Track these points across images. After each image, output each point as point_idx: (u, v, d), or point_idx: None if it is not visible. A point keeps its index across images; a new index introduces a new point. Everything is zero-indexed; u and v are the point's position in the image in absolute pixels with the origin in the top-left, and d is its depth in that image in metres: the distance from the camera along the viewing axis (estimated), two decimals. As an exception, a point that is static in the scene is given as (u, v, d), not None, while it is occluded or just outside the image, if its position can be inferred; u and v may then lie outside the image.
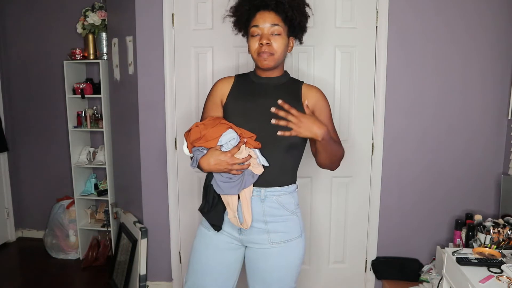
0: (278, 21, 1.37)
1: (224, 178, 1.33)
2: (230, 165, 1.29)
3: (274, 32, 1.36)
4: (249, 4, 1.39)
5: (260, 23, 1.37)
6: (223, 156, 1.29)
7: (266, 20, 1.36)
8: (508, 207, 2.18)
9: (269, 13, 1.37)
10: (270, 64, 1.39)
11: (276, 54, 1.38)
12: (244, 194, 1.35)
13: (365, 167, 2.41)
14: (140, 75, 2.43)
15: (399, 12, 2.27)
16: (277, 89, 1.44)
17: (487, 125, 2.35)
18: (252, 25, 1.39)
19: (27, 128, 3.40)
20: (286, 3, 1.36)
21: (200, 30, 2.35)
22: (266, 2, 1.36)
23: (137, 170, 2.56)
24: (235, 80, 1.50)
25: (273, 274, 1.42)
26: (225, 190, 1.34)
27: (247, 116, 1.39)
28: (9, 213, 3.40)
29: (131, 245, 2.53)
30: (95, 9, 2.92)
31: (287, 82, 1.48)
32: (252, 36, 1.39)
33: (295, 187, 1.47)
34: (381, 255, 2.48)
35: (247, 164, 1.31)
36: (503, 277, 1.51)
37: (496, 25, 2.27)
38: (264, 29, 1.36)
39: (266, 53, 1.37)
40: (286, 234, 1.41)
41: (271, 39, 1.36)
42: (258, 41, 1.38)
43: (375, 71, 2.33)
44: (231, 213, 1.37)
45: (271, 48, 1.37)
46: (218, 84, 1.51)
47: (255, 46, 1.39)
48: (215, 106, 1.47)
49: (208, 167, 1.32)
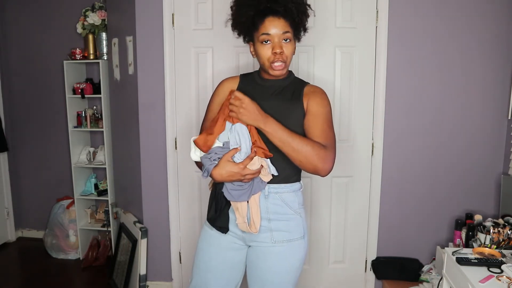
0: (288, 27, 1.34)
1: (236, 186, 1.35)
2: (242, 176, 1.30)
3: (286, 38, 1.34)
4: (255, 10, 1.35)
5: (271, 31, 1.33)
6: (236, 168, 1.29)
7: (277, 28, 1.32)
8: (508, 207, 2.18)
9: (279, 20, 1.33)
10: (283, 72, 1.39)
11: (287, 60, 1.37)
12: (254, 199, 1.37)
13: (365, 167, 2.41)
14: (140, 75, 2.43)
15: (399, 12, 2.27)
16: (282, 91, 1.44)
17: (487, 125, 2.35)
18: (262, 33, 1.34)
19: (27, 128, 3.40)
20: (294, 8, 1.34)
21: (200, 30, 2.35)
22: (274, 8, 1.33)
23: (137, 170, 2.56)
24: (240, 81, 1.50)
25: (271, 275, 1.41)
26: (236, 197, 1.35)
27: None
28: (9, 213, 3.40)
29: (131, 245, 2.53)
30: (95, 9, 2.92)
31: (292, 83, 1.47)
32: (261, 43, 1.35)
33: (299, 186, 1.47)
34: (381, 255, 2.48)
35: (258, 172, 1.33)
36: (503, 277, 1.51)
37: (496, 24, 2.27)
38: (275, 37, 1.34)
39: (280, 62, 1.35)
40: (288, 233, 1.41)
41: (283, 46, 1.34)
42: (270, 49, 1.35)
43: (375, 71, 2.33)
44: (240, 219, 1.38)
45: (283, 56, 1.35)
46: (224, 84, 1.50)
47: (268, 54, 1.35)
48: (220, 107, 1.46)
49: (221, 178, 1.32)
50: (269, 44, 1.35)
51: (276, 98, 1.42)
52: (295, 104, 1.40)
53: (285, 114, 1.38)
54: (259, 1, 1.34)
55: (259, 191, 1.36)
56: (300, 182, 1.48)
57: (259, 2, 1.34)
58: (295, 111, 1.39)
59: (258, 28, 1.35)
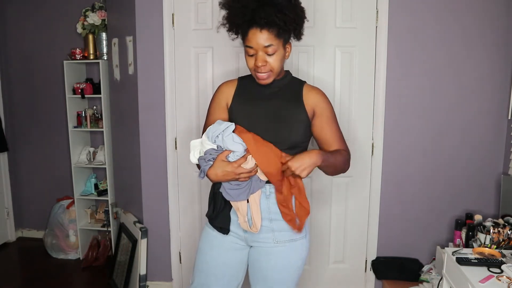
0: (272, 39, 1.30)
1: (233, 185, 1.35)
2: (237, 175, 1.30)
3: (268, 52, 1.32)
4: (242, 20, 1.33)
5: (253, 44, 1.31)
6: (230, 167, 1.30)
7: (259, 41, 1.30)
8: (508, 207, 2.18)
9: (261, 33, 1.29)
10: (269, 81, 1.39)
11: (274, 70, 1.36)
12: (254, 198, 1.37)
13: (365, 167, 2.41)
14: (140, 75, 2.43)
15: (399, 12, 2.27)
16: (280, 91, 1.45)
17: (487, 125, 2.35)
18: (246, 45, 1.34)
19: (27, 128, 3.40)
20: (278, 19, 1.28)
21: (200, 30, 2.35)
22: (256, 20, 1.28)
23: (137, 170, 2.56)
24: (238, 83, 1.51)
25: (275, 274, 1.42)
26: (234, 197, 1.36)
27: (251, 119, 1.40)
28: (9, 213, 3.40)
29: (131, 245, 2.53)
30: (95, 9, 2.92)
31: (289, 83, 1.48)
32: (247, 55, 1.36)
33: None
34: (381, 255, 2.48)
35: (254, 171, 1.33)
36: (503, 277, 1.51)
37: (497, 24, 2.26)
38: (258, 49, 1.31)
39: (263, 73, 1.36)
40: (290, 233, 1.41)
41: (266, 59, 1.33)
42: (254, 60, 1.34)
43: (375, 71, 2.33)
44: (241, 218, 1.39)
45: (267, 67, 1.34)
46: (222, 87, 1.51)
47: (252, 65, 1.36)
48: (221, 109, 1.47)
49: (216, 177, 1.32)
50: (253, 56, 1.34)
51: (274, 97, 1.43)
52: (295, 103, 1.41)
53: (285, 113, 1.40)
54: (245, 12, 1.31)
55: (258, 190, 1.37)
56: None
57: (245, 13, 1.31)
58: (296, 110, 1.41)
59: (244, 38, 1.36)
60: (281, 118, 1.38)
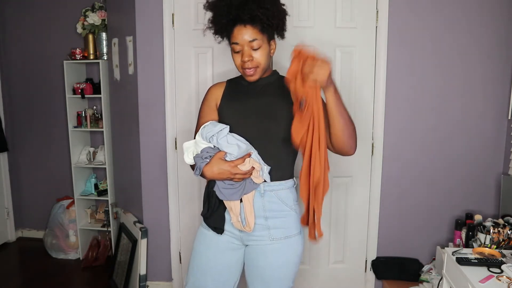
0: (256, 34, 1.35)
1: (226, 184, 1.36)
2: (232, 175, 1.32)
3: (253, 47, 1.37)
4: (226, 18, 1.38)
5: (239, 40, 1.36)
6: (227, 166, 1.31)
7: (244, 36, 1.35)
8: (508, 207, 2.18)
9: (246, 29, 1.35)
10: (256, 77, 1.42)
11: (260, 65, 1.40)
12: (247, 197, 1.38)
13: (365, 167, 2.41)
14: (140, 75, 2.43)
15: (399, 12, 2.27)
16: (267, 88, 1.47)
17: (487, 125, 2.35)
18: (232, 42, 1.39)
19: (27, 128, 3.40)
20: (260, 14, 1.33)
21: (200, 30, 2.33)
22: (240, 17, 1.35)
23: (137, 170, 2.56)
24: (227, 85, 1.55)
25: (272, 272, 1.43)
26: (227, 196, 1.37)
27: (241, 116, 1.42)
28: (9, 213, 3.40)
29: (131, 245, 2.53)
30: (95, 9, 2.92)
31: (276, 80, 1.50)
32: (234, 52, 1.41)
33: (293, 183, 1.49)
34: (381, 255, 2.48)
35: (249, 174, 1.34)
36: (503, 277, 1.52)
37: (496, 24, 2.27)
38: (243, 45, 1.37)
39: (250, 69, 1.39)
40: (286, 230, 1.43)
41: (252, 54, 1.38)
42: (240, 57, 1.39)
43: (375, 71, 2.33)
44: (234, 218, 1.40)
45: (254, 62, 1.38)
46: (211, 89, 1.55)
47: (238, 61, 1.41)
48: (211, 111, 1.50)
49: (211, 175, 1.34)
50: (239, 53, 1.39)
51: (263, 95, 1.45)
52: (284, 100, 1.42)
53: (274, 109, 1.42)
54: (230, 11, 1.36)
55: (251, 191, 1.38)
56: (293, 179, 1.50)
57: (230, 11, 1.36)
58: (285, 106, 1.42)
59: (229, 37, 1.41)
60: (271, 114, 1.41)
